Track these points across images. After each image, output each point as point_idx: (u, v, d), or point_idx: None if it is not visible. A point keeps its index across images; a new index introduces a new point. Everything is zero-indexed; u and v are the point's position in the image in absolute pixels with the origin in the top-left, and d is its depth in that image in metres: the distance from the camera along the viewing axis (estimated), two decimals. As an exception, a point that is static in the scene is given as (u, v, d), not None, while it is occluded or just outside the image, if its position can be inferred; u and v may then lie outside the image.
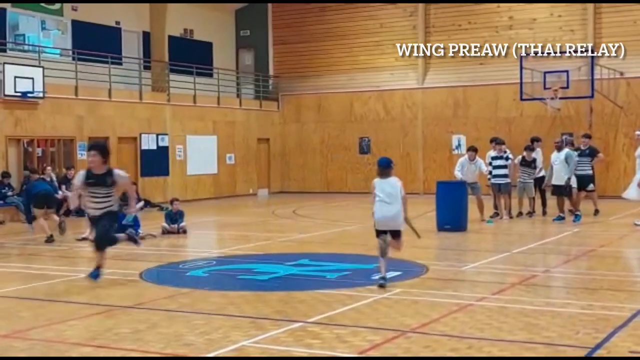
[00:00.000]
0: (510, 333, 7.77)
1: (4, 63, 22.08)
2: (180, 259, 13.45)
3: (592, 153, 20.32)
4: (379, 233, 10.78)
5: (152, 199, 26.04)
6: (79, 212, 20.52)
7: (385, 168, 10.84)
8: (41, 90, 22.65)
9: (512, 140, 25.01)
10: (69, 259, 13.80)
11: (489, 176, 19.59)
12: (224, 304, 9.42)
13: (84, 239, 16.24)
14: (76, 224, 18.95)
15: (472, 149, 19.66)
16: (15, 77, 22.06)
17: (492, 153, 19.65)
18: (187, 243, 16.17)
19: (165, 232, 17.50)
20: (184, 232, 17.54)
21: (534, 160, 20.37)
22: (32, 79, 22.47)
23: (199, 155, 28.84)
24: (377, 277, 10.58)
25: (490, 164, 19.51)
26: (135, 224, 16.66)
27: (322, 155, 32.24)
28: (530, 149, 20.61)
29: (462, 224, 17.29)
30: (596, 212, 20.21)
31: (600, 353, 6.99)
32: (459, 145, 29.66)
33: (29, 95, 22.38)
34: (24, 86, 22.23)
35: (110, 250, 14.64)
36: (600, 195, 23.07)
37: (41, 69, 22.85)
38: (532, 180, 20.22)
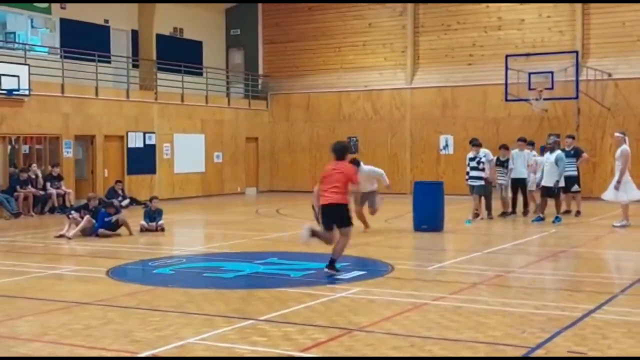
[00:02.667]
0: (457, 332, 7.84)
1: (-11, 61, 22.18)
2: (152, 257, 13.50)
3: (576, 154, 20.41)
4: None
5: (138, 197, 26.12)
6: (63, 209, 20.74)
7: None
8: (27, 87, 22.72)
9: (500, 141, 24.81)
10: (43, 256, 13.86)
11: (466, 177, 19.65)
12: (183, 301, 9.50)
13: (61, 235, 16.35)
14: (59, 220, 18.98)
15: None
16: (1, 74, 22.12)
17: (470, 154, 19.70)
18: (163, 241, 16.24)
19: (144, 229, 17.56)
20: (162, 230, 17.62)
21: (508, 159, 20.41)
22: (18, 76, 22.53)
23: (187, 153, 28.92)
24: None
25: (468, 164, 19.56)
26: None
27: (310, 155, 32.31)
28: (505, 147, 20.67)
29: (439, 224, 17.34)
30: (577, 213, 20.30)
31: (538, 353, 7.06)
32: (447, 145, 29.77)
33: (15, 92, 22.45)
34: (9, 84, 22.29)
35: (84, 247, 14.82)
36: (587, 196, 23.18)
37: (27, 67, 22.91)
38: (506, 181, 20.26)
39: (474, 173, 19.39)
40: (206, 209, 25.21)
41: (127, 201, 24.92)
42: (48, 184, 23.08)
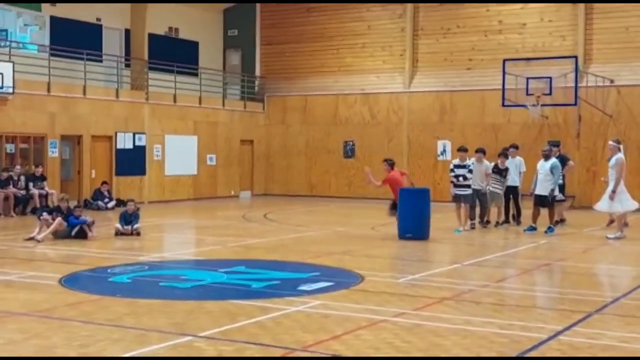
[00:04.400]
0: (406, 353, 7.22)
1: (-28, 57, 21.68)
2: (116, 263, 12.93)
3: (562, 161, 19.66)
4: None
5: (125, 199, 25.49)
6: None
7: None
8: (11, 85, 22.20)
9: (499, 148, 24.06)
10: (1, 260, 13.27)
11: (451, 185, 18.91)
12: (124, 313, 8.91)
13: (30, 238, 15.80)
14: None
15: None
16: (-16, 71, 21.64)
17: (456, 161, 18.98)
18: (134, 246, 15.64)
19: (119, 233, 17.00)
20: (138, 234, 17.04)
21: (507, 169, 19.75)
22: (2, 74, 22.02)
23: (178, 155, 28.36)
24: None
25: (452, 170, 18.87)
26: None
27: (306, 158, 31.71)
28: (504, 155, 20.01)
29: (424, 233, 16.70)
30: (562, 221, 19.57)
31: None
32: (444, 151, 29.09)
33: (-2, 90, 21.96)
34: (-8, 81, 21.81)
35: (49, 251, 14.26)
36: (586, 205, 22.52)
37: (11, 64, 22.40)
38: (501, 189, 19.60)
39: (465, 181, 18.63)
40: (193, 213, 24.66)
41: (113, 203, 24.39)
42: (30, 184, 22.54)
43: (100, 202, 24.08)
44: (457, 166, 18.72)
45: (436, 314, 9.10)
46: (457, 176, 18.57)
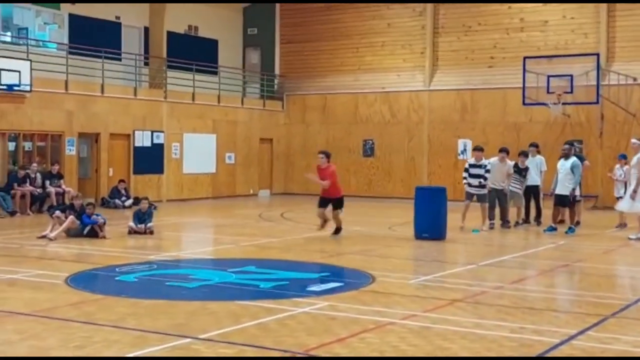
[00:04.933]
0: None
1: (-11, 55, 21.66)
2: (125, 262, 12.76)
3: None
4: None
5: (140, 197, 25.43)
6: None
7: None
8: (28, 83, 22.14)
9: (520, 147, 23.68)
10: (10, 258, 13.15)
11: (465, 183, 18.58)
12: (126, 314, 8.73)
13: (43, 236, 15.70)
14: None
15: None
16: (1, 69, 21.57)
17: (471, 160, 18.66)
18: (146, 244, 15.49)
19: (132, 232, 16.85)
20: (151, 232, 16.88)
21: (527, 168, 19.41)
22: (19, 72, 21.97)
23: (197, 153, 28.22)
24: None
25: (466, 170, 18.58)
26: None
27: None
28: (524, 154, 19.68)
29: (441, 232, 16.41)
30: (561, 222, 19.13)
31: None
32: (465, 150, 28.71)
33: (15, 88, 21.89)
34: (10, 79, 21.73)
35: (60, 249, 14.15)
36: (609, 206, 22.13)
37: (29, 62, 22.35)
38: (520, 189, 19.28)
39: (476, 181, 18.31)
40: (210, 212, 24.50)
41: (130, 201, 24.29)
42: (47, 182, 22.49)
43: (117, 201, 23.99)
44: (472, 165, 18.42)
45: (446, 316, 8.83)
46: (472, 176, 18.26)
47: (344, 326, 8.27)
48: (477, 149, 18.80)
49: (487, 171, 18.23)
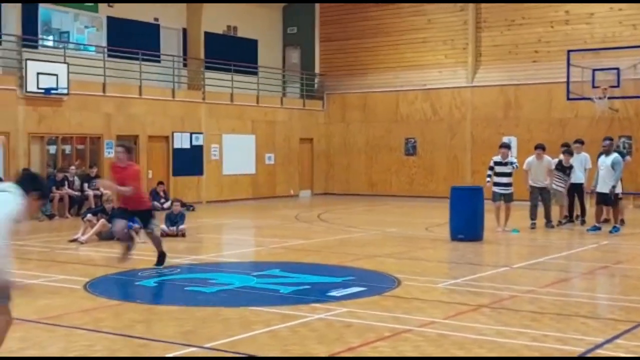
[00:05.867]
0: (420, 370, 6.61)
1: (27, 59, 21.70)
2: (149, 265, 12.56)
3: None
4: None
5: (183, 199, 25.33)
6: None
7: None
8: (65, 87, 22.19)
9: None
10: (37, 262, 13.08)
11: (488, 185, 18.00)
12: (137, 320, 8.51)
13: (74, 240, 15.63)
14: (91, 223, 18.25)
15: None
16: (38, 73, 21.65)
17: (496, 158, 18.09)
18: (175, 247, 15.27)
19: (164, 234, 16.68)
20: (183, 235, 16.74)
21: (571, 166, 18.82)
22: (56, 75, 22.03)
23: (236, 154, 28.07)
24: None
25: (491, 168, 18.03)
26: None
27: (366, 156, 31.09)
28: (569, 152, 19.06)
29: (477, 233, 15.95)
30: (605, 221, 18.42)
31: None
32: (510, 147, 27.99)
33: (53, 91, 21.95)
34: (47, 83, 21.80)
35: (88, 253, 14.05)
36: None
37: (66, 66, 22.39)
38: (564, 188, 18.71)
39: (502, 179, 17.76)
40: (247, 213, 24.30)
41: (168, 203, 24.15)
42: (85, 185, 22.50)
43: (155, 203, 23.84)
44: (497, 163, 17.85)
45: (468, 323, 8.43)
46: (498, 174, 17.73)
47: (358, 334, 7.93)
48: (503, 145, 18.27)
49: (513, 165, 17.69)
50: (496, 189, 17.72)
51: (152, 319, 8.61)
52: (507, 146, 18.21)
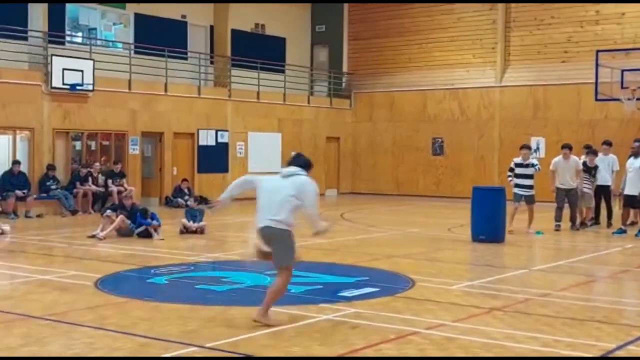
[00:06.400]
0: (421, 374, 6.46)
1: (52, 55, 21.80)
2: (166, 262, 12.52)
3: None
4: None
5: (208, 196, 25.31)
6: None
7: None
8: (91, 83, 22.26)
9: (595, 145, 22.48)
10: (51, 258, 13.09)
11: (512, 184, 17.70)
12: (142, 318, 8.43)
13: (93, 236, 15.64)
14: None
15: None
16: (64, 69, 21.73)
17: (517, 159, 17.81)
18: (193, 244, 15.28)
19: (184, 231, 16.68)
20: (202, 231, 16.69)
21: (596, 167, 18.50)
22: (82, 71, 22.11)
23: (262, 152, 27.98)
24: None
25: (511, 170, 17.76)
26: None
27: (393, 156, 30.88)
28: (593, 153, 18.75)
29: (499, 234, 15.72)
30: (633, 224, 18.08)
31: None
32: (538, 148, 27.69)
33: (78, 88, 22.03)
34: (72, 79, 21.88)
35: (105, 249, 14.03)
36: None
37: (91, 62, 22.47)
38: (590, 189, 18.40)
39: (524, 181, 17.47)
40: (272, 211, 24.15)
41: (191, 200, 24.14)
42: (109, 181, 22.55)
43: (180, 200, 23.90)
44: (518, 165, 17.58)
45: (478, 326, 8.25)
46: (518, 176, 17.45)
47: (363, 336, 7.79)
48: (524, 147, 18.03)
49: (535, 167, 17.42)
50: (517, 190, 17.44)
51: (157, 317, 8.51)
52: (528, 147, 17.99)
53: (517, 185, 17.49)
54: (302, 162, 8.77)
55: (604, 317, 8.81)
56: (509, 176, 17.77)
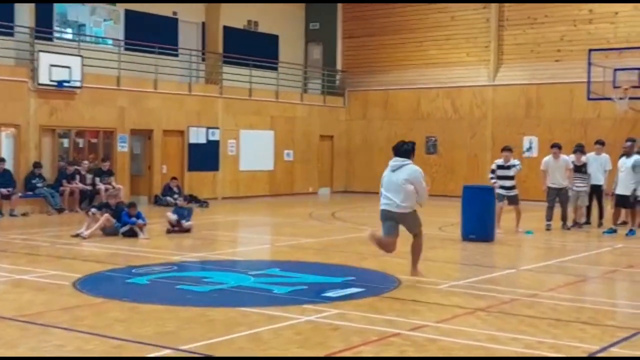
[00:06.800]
0: (399, 378, 6.28)
1: (39, 51, 21.58)
2: (146, 262, 12.32)
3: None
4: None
5: (198, 195, 25.18)
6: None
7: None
8: (79, 79, 22.04)
9: (588, 144, 22.32)
10: (32, 257, 12.85)
11: (495, 185, 17.48)
12: (118, 320, 8.24)
13: (77, 235, 15.43)
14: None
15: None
16: (51, 65, 21.50)
17: (499, 161, 17.64)
18: (178, 244, 15.05)
19: (170, 230, 16.47)
20: (188, 230, 16.49)
21: (584, 164, 18.33)
22: (69, 68, 21.88)
23: (254, 150, 27.80)
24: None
25: (493, 172, 17.59)
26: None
27: (387, 155, 30.33)
28: (580, 151, 18.57)
29: (489, 233, 15.57)
30: (624, 223, 17.93)
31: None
32: (530, 147, 27.57)
33: (65, 84, 21.80)
34: (60, 75, 21.65)
35: (88, 249, 13.83)
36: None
37: (79, 58, 22.24)
38: (585, 187, 18.23)
39: (505, 182, 17.28)
40: (262, 210, 24.01)
41: (181, 199, 23.94)
42: (97, 179, 22.34)
43: (169, 198, 23.69)
44: (499, 167, 17.42)
45: (461, 327, 8.08)
46: (500, 178, 17.26)
47: (344, 338, 7.60)
48: (505, 149, 17.82)
49: (513, 168, 17.23)
50: (500, 191, 17.25)
51: (134, 319, 8.33)
52: (509, 149, 17.80)
53: (502, 187, 17.29)
54: (404, 151, 10.79)
55: (589, 318, 8.64)
56: (492, 178, 17.58)
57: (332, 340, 7.51)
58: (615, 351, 7.19)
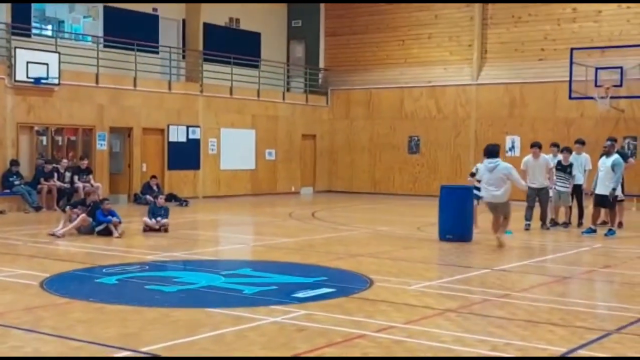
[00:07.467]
0: (360, 381, 6.15)
1: (15, 47, 21.35)
2: (120, 262, 12.16)
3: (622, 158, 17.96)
4: None
5: (179, 194, 25.02)
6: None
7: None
8: (56, 76, 21.83)
9: (571, 143, 22.23)
10: (4, 256, 12.67)
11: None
12: (80, 321, 8.08)
13: (53, 233, 15.23)
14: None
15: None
16: (28, 62, 21.29)
17: (480, 165, 17.51)
18: (153, 243, 14.86)
19: (147, 228, 16.31)
20: (166, 230, 16.33)
21: (571, 165, 18.27)
22: (47, 64, 21.67)
23: (235, 149, 27.64)
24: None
25: (472, 175, 17.47)
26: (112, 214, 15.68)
27: (370, 154, 30.59)
28: (567, 150, 18.51)
29: (466, 233, 15.47)
30: (620, 224, 17.96)
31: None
32: (513, 147, 27.52)
33: (43, 81, 21.59)
34: (37, 72, 21.44)
35: (61, 248, 13.64)
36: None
37: (57, 55, 22.03)
38: (568, 188, 18.16)
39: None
40: (243, 209, 23.85)
41: (161, 198, 23.76)
42: (76, 177, 22.13)
43: (148, 197, 23.48)
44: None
45: (428, 328, 7.96)
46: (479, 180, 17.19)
47: (309, 339, 7.47)
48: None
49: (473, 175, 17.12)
50: (477, 192, 17.08)
51: (97, 319, 8.17)
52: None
53: (476, 188, 17.13)
54: (494, 152, 14.88)
55: (560, 320, 8.53)
56: (470, 181, 17.46)
57: (296, 342, 7.38)
58: (583, 353, 7.08)
